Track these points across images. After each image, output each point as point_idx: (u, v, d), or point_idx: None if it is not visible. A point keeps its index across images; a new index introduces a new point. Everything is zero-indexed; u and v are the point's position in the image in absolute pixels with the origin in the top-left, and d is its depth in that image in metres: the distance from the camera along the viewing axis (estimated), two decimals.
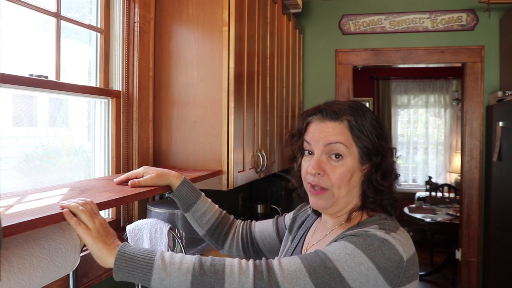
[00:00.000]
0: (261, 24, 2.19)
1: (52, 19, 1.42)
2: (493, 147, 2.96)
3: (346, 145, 0.99)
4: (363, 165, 1.01)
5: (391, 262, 0.86)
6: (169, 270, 0.86)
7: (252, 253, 1.33)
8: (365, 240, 0.88)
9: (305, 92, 3.48)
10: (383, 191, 1.00)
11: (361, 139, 0.99)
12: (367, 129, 1.00)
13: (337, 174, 0.99)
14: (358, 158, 1.00)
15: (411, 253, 0.91)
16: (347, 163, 0.99)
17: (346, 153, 0.99)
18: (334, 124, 1.01)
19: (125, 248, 0.90)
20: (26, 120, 1.41)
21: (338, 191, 1.00)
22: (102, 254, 0.89)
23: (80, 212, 0.90)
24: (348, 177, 0.99)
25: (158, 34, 1.86)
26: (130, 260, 0.87)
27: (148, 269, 0.86)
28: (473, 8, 3.19)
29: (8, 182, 1.29)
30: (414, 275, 0.91)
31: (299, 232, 1.20)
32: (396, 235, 0.91)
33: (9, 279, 0.82)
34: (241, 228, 1.34)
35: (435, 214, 4.83)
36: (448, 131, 6.36)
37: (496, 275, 2.99)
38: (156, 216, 1.64)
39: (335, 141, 0.99)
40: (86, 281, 1.43)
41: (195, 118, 1.81)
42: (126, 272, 0.87)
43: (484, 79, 3.20)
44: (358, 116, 1.01)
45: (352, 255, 0.85)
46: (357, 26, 3.38)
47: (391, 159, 1.03)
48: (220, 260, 0.89)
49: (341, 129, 1.00)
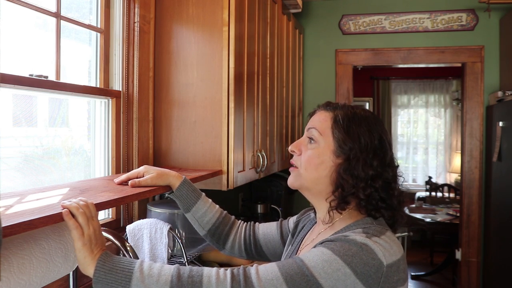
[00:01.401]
0: (261, 24, 2.19)
1: (52, 19, 1.42)
2: (493, 147, 2.96)
3: (320, 132, 1.04)
4: (337, 158, 1.01)
5: (369, 267, 0.85)
6: (147, 282, 0.87)
7: (255, 255, 1.32)
8: (342, 245, 0.87)
9: (305, 92, 3.48)
10: (344, 186, 0.99)
11: (339, 132, 1.02)
12: (351, 126, 1.01)
13: (306, 155, 1.05)
14: (332, 148, 1.02)
15: (395, 258, 0.89)
16: (319, 148, 1.03)
17: (319, 138, 1.04)
18: (324, 112, 1.07)
19: (106, 259, 0.89)
20: (26, 120, 1.41)
21: (304, 172, 1.04)
22: (85, 262, 0.90)
23: (79, 215, 0.90)
24: (315, 161, 1.03)
25: (158, 34, 1.86)
26: (109, 271, 0.88)
27: (126, 281, 0.87)
28: (473, 8, 3.19)
29: (8, 182, 1.29)
30: (399, 281, 0.89)
31: (299, 236, 1.20)
32: (378, 239, 0.89)
33: (9, 279, 0.82)
34: (244, 229, 1.33)
35: (435, 214, 4.83)
36: (448, 131, 6.36)
37: (496, 275, 2.99)
38: (156, 216, 1.64)
39: (312, 126, 1.06)
40: (86, 281, 1.43)
41: (195, 118, 1.81)
42: (105, 283, 0.88)
43: (484, 79, 3.20)
44: (350, 117, 1.03)
45: (329, 262, 0.85)
46: (357, 26, 3.38)
47: (363, 166, 0.99)
48: (198, 270, 0.89)
49: (325, 117, 1.05)
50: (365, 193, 0.97)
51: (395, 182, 1.02)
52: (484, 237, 3.21)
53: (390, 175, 1.01)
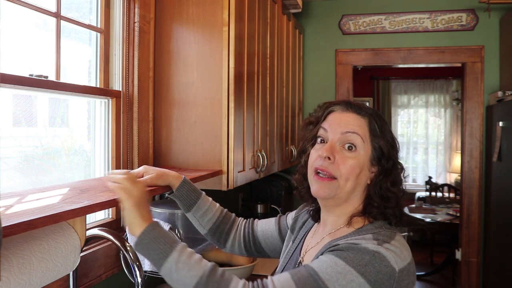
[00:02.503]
0: (261, 24, 2.19)
1: (52, 19, 1.42)
2: (493, 147, 2.96)
3: (362, 138, 0.98)
4: (373, 166, 1.00)
5: (382, 275, 0.85)
6: (180, 266, 0.89)
7: (255, 252, 1.32)
8: (355, 255, 0.87)
9: (305, 92, 3.48)
10: (390, 198, 0.99)
11: (377, 139, 0.99)
12: (385, 133, 1.01)
13: (348, 164, 0.97)
14: (370, 157, 0.99)
15: (406, 263, 0.89)
16: (360, 157, 0.98)
17: (360, 146, 0.98)
18: (356, 116, 1.01)
19: (154, 227, 0.94)
20: (26, 120, 1.41)
21: (344, 183, 0.97)
22: (134, 222, 0.94)
23: (123, 180, 0.95)
24: (357, 171, 0.97)
25: (158, 34, 1.86)
26: (154, 239, 0.91)
27: (164, 256, 0.90)
28: (473, 8, 3.19)
29: (8, 182, 1.28)
30: (409, 284, 0.90)
31: (300, 233, 1.20)
32: (389, 245, 0.89)
33: (9, 279, 0.82)
34: (243, 226, 1.33)
35: (435, 214, 4.83)
36: (448, 131, 6.36)
37: (496, 275, 2.99)
38: (156, 216, 1.64)
39: (353, 131, 0.98)
40: (86, 281, 1.43)
41: (195, 118, 1.81)
42: (145, 248, 0.92)
43: (484, 79, 3.20)
44: (378, 118, 1.02)
45: (343, 274, 0.85)
46: (357, 26, 3.38)
47: (400, 172, 1.03)
48: (228, 278, 0.89)
49: (361, 122, 1.00)
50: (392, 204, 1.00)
51: None
52: (484, 237, 3.21)
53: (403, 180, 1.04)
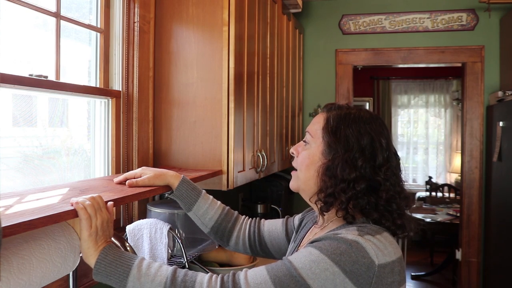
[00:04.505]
0: (261, 24, 2.19)
1: (52, 19, 1.42)
2: (493, 147, 2.96)
3: (311, 134, 1.07)
4: (325, 158, 1.02)
5: (359, 265, 0.83)
6: (143, 281, 0.90)
7: (260, 252, 1.32)
8: (331, 244, 0.86)
9: (305, 92, 3.48)
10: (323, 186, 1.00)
11: (327, 132, 1.04)
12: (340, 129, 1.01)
13: (300, 157, 1.08)
14: (321, 149, 1.04)
15: (389, 259, 0.87)
16: (310, 149, 1.06)
17: (310, 140, 1.07)
18: (320, 115, 1.10)
19: (107, 252, 0.93)
20: (26, 120, 1.41)
21: (299, 173, 1.08)
22: (88, 252, 0.93)
23: (87, 206, 0.93)
24: (307, 161, 1.05)
25: (158, 34, 1.86)
26: (109, 264, 0.91)
27: (124, 276, 0.90)
28: (473, 8, 3.19)
29: (8, 182, 1.28)
30: (393, 284, 0.86)
31: (300, 233, 1.20)
32: (372, 238, 0.87)
33: (9, 279, 0.81)
34: (249, 226, 1.32)
35: (435, 214, 4.83)
36: (448, 131, 6.36)
37: (496, 275, 2.99)
38: (156, 216, 1.64)
39: (307, 130, 1.10)
40: (86, 281, 1.42)
41: (195, 118, 1.81)
42: (104, 275, 0.92)
43: (484, 79, 3.20)
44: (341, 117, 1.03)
45: (317, 262, 0.84)
46: (357, 26, 3.38)
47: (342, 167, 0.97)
48: (193, 276, 0.91)
49: (320, 119, 1.08)
50: (346, 196, 0.95)
51: (392, 183, 0.98)
52: (484, 237, 3.21)
53: (382, 177, 0.96)
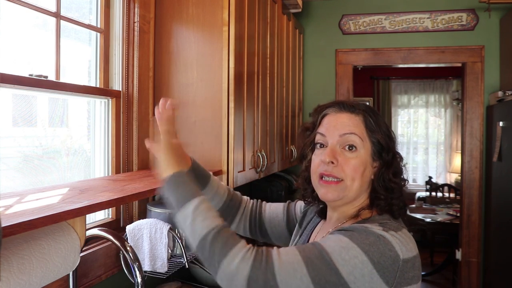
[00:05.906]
0: (261, 24, 2.19)
1: (52, 19, 1.42)
2: (493, 147, 2.96)
3: (361, 137, 0.99)
4: (374, 161, 1.01)
5: (386, 258, 0.84)
6: (197, 213, 0.91)
7: (259, 236, 1.30)
8: (360, 234, 0.87)
9: (305, 92, 3.48)
10: (394, 189, 1.00)
11: (375, 133, 1.00)
12: (380, 126, 1.02)
13: (351, 165, 0.99)
14: (370, 153, 1.00)
15: (411, 255, 0.89)
16: (361, 155, 0.99)
17: (360, 145, 0.99)
18: (350, 115, 1.02)
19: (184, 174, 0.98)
20: (25, 120, 1.41)
21: (351, 183, 0.99)
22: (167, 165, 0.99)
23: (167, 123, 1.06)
24: (361, 170, 0.99)
25: (158, 34, 1.86)
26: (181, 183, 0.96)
27: (185, 201, 0.93)
28: (473, 8, 3.18)
29: (8, 182, 1.28)
30: (414, 278, 0.88)
31: (307, 228, 1.18)
32: (395, 233, 0.90)
33: (9, 279, 0.82)
34: (250, 210, 1.30)
35: (435, 214, 4.82)
36: (448, 131, 6.36)
37: (496, 275, 2.98)
38: (156, 216, 1.64)
39: (350, 132, 1.00)
40: (86, 281, 1.42)
41: (195, 118, 1.80)
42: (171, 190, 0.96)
43: (484, 79, 3.20)
44: (372, 113, 1.03)
45: (347, 248, 0.85)
46: (357, 26, 3.38)
47: (400, 162, 1.05)
48: (236, 239, 0.89)
49: (356, 121, 1.01)
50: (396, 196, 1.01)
51: None
52: (484, 237, 3.21)
53: None
